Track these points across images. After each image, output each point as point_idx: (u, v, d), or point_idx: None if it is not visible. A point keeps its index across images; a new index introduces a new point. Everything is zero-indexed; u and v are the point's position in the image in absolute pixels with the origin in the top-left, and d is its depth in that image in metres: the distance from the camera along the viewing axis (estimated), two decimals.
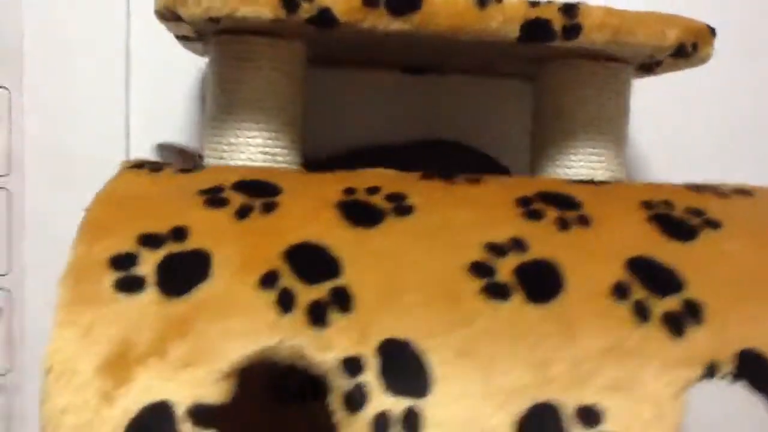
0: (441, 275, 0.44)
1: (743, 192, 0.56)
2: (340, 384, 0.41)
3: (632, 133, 0.76)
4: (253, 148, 0.59)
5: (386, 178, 0.52)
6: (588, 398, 0.41)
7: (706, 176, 0.62)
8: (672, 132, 0.93)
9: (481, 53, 0.71)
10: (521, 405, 0.41)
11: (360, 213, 0.48)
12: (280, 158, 0.59)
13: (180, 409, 0.39)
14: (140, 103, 0.92)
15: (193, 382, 0.40)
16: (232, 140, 0.59)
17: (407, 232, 0.47)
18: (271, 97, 0.60)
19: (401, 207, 0.49)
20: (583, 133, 0.66)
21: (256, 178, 0.50)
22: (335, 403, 0.41)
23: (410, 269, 0.45)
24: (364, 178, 0.51)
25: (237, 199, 0.48)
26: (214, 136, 0.61)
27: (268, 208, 0.47)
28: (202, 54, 0.77)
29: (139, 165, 0.53)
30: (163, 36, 0.71)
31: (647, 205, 0.51)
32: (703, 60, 0.69)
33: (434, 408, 0.40)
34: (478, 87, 0.89)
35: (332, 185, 0.50)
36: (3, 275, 0.89)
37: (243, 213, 0.47)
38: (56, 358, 0.40)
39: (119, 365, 0.40)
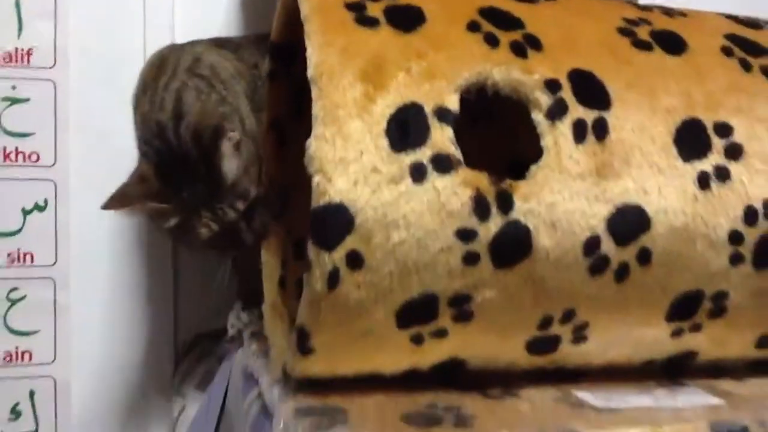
0: (599, 34, 0.56)
1: None
2: (544, 101, 0.51)
3: None
4: None
5: None
6: (721, 117, 0.54)
7: None
8: None
9: None
10: (676, 119, 0.54)
11: None
12: None
13: (428, 108, 0.49)
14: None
15: (435, 92, 0.49)
16: None
17: (561, 10, 0.58)
18: None
19: None
20: None
21: None
22: (538, 115, 0.51)
23: (576, 30, 0.56)
24: None
25: None
26: None
27: None
28: None
29: None
30: None
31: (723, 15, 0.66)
32: None
33: (616, 119, 0.52)
34: None
35: None
36: (49, 167, 0.91)
37: None
38: (323, 69, 0.48)
39: (375, 75, 0.49)
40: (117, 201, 0.67)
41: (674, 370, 0.62)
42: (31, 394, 0.91)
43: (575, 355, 0.58)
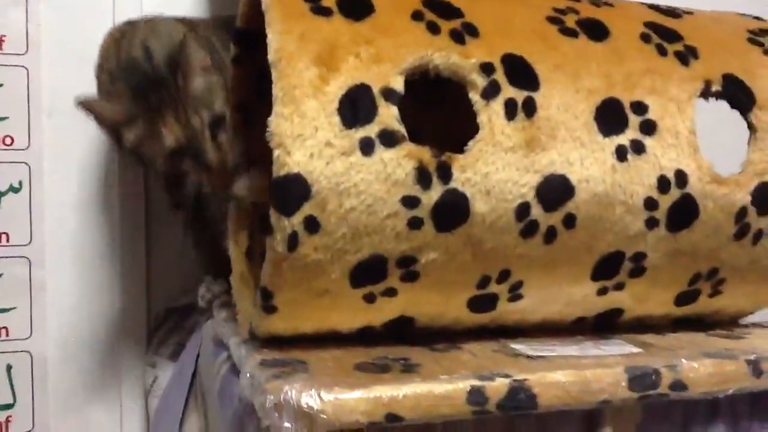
0: (530, 22, 0.63)
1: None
2: (480, 82, 0.57)
3: None
4: None
5: None
6: (637, 96, 0.61)
7: None
8: None
9: None
10: (597, 99, 0.60)
11: None
12: None
13: (376, 89, 0.54)
14: None
15: (382, 74, 0.55)
16: None
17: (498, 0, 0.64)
18: None
19: None
20: None
21: None
22: (475, 96, 0.57)
23: (510, 18, 0.62)
24: None
25: None
26: None
27: None
28: None
29: None
30: None
31: (641, 3, 0.72)
32: None
33: (543, 98, 0.59)
34: None
35: None
36: (23, 150, 0.95)
37: None
38: (282, 54, 0.53)
39: (328, 59, 0.54)
40: (89, 103, 0.74)
41: (604, 327, 0.69)
42: (8, 368, 0.95)
43: (512, 313, 0.64)
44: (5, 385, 0.94)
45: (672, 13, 0.70)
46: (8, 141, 0.94)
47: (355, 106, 0.54)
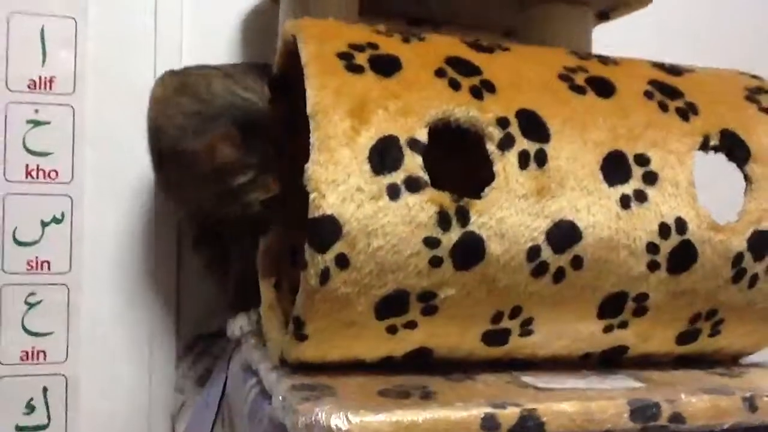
0: (543, 79, 0.69)
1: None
2: (496, 134, 0.63)
3: None
4: None
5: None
6: (640, 149, 0.67)
7: None
8: None
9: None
10: (603, 150, 0.66)
11: (479, 46, 0.71)
12: None
13: (402, 140, 0.60)
14: (192, 34, 1.08)
15: (408, 126, 0.61)
16: None
17: (513, 58, 0.71)
18: None
19: (502, 47, 0.72)
20: None
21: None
22: (491, 146, 0.63)
23: (524, 75, 0.68)
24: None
25: (399, 30, 0.69)
26: None
27: (420, 38, 0.69)
28: None
29: None
30: None
31: (647, 61, 0.78)
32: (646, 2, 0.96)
33: (554, 149, 0.64)
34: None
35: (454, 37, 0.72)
36: (66, 183, 1.02)
37: (406, 39, 0.68)
38: (319, 107, 0.60)
39: (360, 112, 0.60)
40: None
41: (610, 363, 0.74)
42: (45, 390, 1.00)
43: (524, 347, 0.69)
44: (41, 406, 1.00)
45: (674, 70, 0.76)
46: (53, 175, 1.00)
47: (384, 155, 0.60)
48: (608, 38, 0.97)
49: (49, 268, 1.00)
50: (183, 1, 1.05)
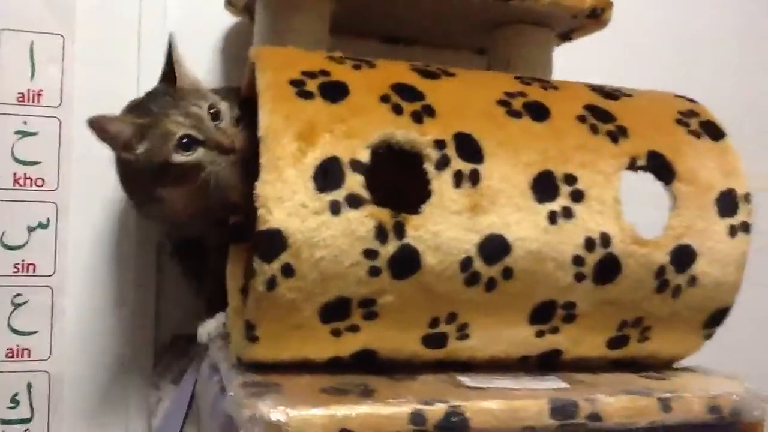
0: (482, 104, 0.75)
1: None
2: (434, 155, 0.69)
3: None
4: None
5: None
6: (569, 170, 0.73)
7: None
8: None
9: (442, 21, 1.00)
10: (534, 171, 0.72)
11: (426, 72, 0.76)
12: None
13: (345, 160, 0.66)
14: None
15: (351, 148, 0.67)
16: None
17: (457, 84, 0.77)
18: None
19: (448, 72, 0.78)
20: None
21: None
22: (429, 166, 0.69)
23: (464, 100, 0.74)
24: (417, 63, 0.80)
25: (349, 61, 0.75)
26: None
27: (370, 64, 0.75)
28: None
29: None
30: None
31: (588, 86, 0.84)
32: (605, 24, 1.01)
33: (487, 170, 0.70)
34: (437, 56, 1.15)
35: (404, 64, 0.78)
36: (52, 190, 1.07)
37: (357, 66, 0.74)
38: (269, 131, 0.66)
39: (308, 135, 0.66)
40: (100, 120, 0.84)
41: (546, 366, 0.80)
42: (29, 386, 1.05)
43: (462, 350, 0.75)
44: (25, 401, 1.05)
45: (612, 95, 0.82)
46: (39, 182, 1.06)
47: (327, 175, 0.65)
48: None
49: (34, 271, 1.06)
50: (166, 22, 1.11)
